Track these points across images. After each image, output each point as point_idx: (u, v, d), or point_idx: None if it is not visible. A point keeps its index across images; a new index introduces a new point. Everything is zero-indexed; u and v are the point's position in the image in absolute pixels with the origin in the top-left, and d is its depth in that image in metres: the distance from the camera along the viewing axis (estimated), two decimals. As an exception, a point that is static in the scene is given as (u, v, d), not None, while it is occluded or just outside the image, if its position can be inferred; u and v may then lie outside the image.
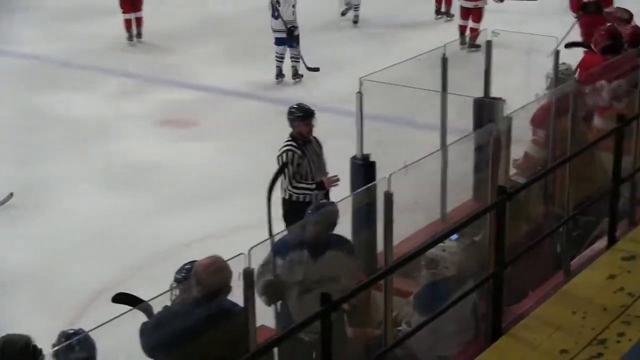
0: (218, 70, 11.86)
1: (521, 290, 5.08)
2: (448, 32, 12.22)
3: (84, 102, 10.95)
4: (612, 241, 5.20)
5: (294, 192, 6.47)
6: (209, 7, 14.52)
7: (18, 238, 7.72)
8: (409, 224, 5.55)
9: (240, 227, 7.15)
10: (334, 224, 5.01)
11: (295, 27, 11.32)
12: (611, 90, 6.43)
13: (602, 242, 5.32)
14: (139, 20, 13.36)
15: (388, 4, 14.50)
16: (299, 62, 11.45)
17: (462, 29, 12.57)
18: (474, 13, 12.48)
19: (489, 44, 6.55)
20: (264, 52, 11.32)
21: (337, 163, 6.54)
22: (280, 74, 11.45)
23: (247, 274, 3.63)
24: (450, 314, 4.41)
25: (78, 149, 9.56)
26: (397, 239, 4.38)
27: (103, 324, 3.44)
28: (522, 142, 6.20)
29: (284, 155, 6.44)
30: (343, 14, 14.02)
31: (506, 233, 4.41)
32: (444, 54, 6.40)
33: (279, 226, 5.78)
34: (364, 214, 5.45)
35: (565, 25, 11.36)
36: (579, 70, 7.34)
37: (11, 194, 8.24)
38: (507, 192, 4.39)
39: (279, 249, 4.94)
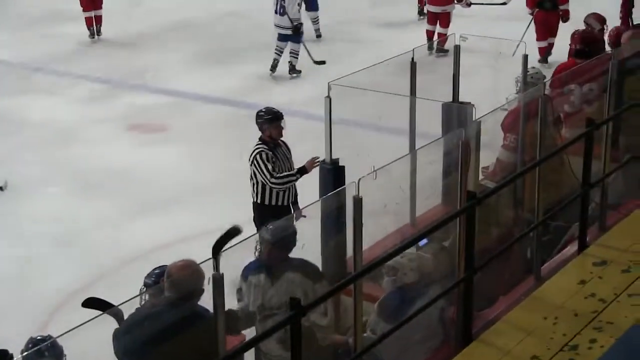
0: (188, 75, 11.75)
1: (491, 296, 5.01)
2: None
3: (53, 106, 10.80)
4: (582, 246, 5.16)
5: (275, 186, 6.39)
6: (180, 12, 14.40)
7: None
8: (378, 228, 5.46)
9: (209, 231, 7.01)
10: (291, 244, 4.79)
11: (301, 24, 11.60)
12: (581, 95, 6.41)
13: (572, 247, 5.28)
14: (98, 18, 13.40)
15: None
16: (297, 58, 11.61)
17: (430, 34, 12.55)
18: (441, 18, 12.47)
19: (457, 48, 6.50)
20: (233, 57, 11.24)
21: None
22: (275, 66, 11.57)
23: (216, 279, 3.54)
24: (416, 320, 4.34)
25: (46, 154, 9.40)
26: (366, 243, 4.31)
27: (72, 329, 3.35)
28: (491, 147, 6.17)
29: (258, 155, 6.36)
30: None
31: (476, 238, 4.36)
32: (412, 58, 6.35)
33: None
34: (333, 219, 5.37)
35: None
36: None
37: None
38: (476, 196, 4.34)
39: (244, 272, 4.81)
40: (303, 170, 6.43)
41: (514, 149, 6.01)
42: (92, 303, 4.52)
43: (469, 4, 13.15)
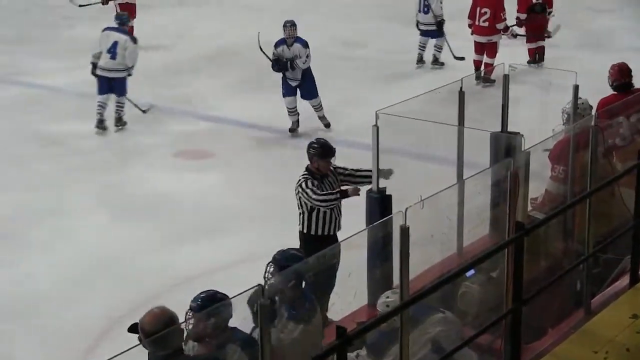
0: (232, 101, 11.85)
1: (540, 328, 4.95)
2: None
3: (100, 131, 10.94)
4: (634, 280, 5.08)
5: (318, 203, 6.32)
6: (223, 39, 14.59)
7: (29, 267, 7.64)
8: (424, 258, 5.44)
9: (251, 258, 7.04)
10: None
11: (444, 20, 12.76)
12: (631, 126, 6.34)
13: (624, 281, 5.19)
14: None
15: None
16: (440, 51, 12.96)
17: (477, 64, 12.52)
18: (487, 48, 12.44)
19: (506, 77, 6.48)
20: (277, 83, 11.25)
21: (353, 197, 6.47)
22: (421, 60, 13.11)
23: (264, 307, 3.53)
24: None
25: (94, 179, 9.51)
26: (412, 273, 4.29)
27: (119, 354, 3.36)
28: (539, 178, 6.12)
29: (303, 183, 6.34)
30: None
31: (524, 269, 4.31)
32: (461, 88, 6.34)
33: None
34: (380, 248, 5.37)
35: (581, 61, 11.33)
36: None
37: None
38: (525, 227, 4.29)
39: None
40: (343, 194, 6.37)
41: (562, 180, 5.96)
42: (138, 328, 4.52)
43: (515, 35, 13.15)
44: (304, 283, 4.77)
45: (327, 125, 10.68)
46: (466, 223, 6.07)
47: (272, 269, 4.87)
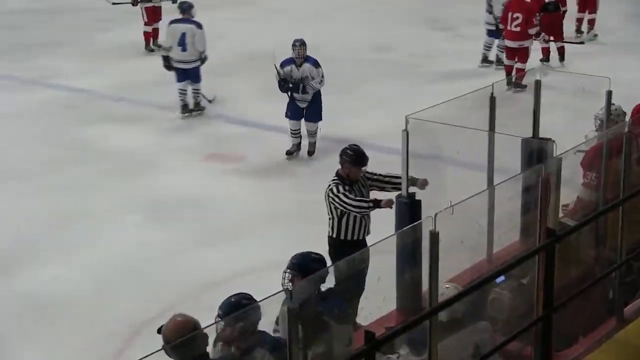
0: (264, 105, 11.84)
1: (570, 336, 4.89)
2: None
3: (132, 135, 11.02)
4: (667, 288, 5.01)
5: (350, 207, 6.27)
6: (255, 42, 14.60)
7: (59, 269, 7.69)
8: (454, 263, 5.40)
9: (279, 263, 7.04)
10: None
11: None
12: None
13: (657, 289, 5.13)
14: (156, 31, 14.40)
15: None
16: (503, 52, 12.78)
17: (508, 69, 12.44)
18: (519, 53, 12.35)
19: (537, 83, 6.42)
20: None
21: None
22: (485, 60, 13.30)
23: (292, 311, 3.52)
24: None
25: (124, 182, 9.57)
26: (442, 278, 4.25)
27: (148, 355, 3.37)
28: (571, 184, 6.05)
29: (334, 188, 6.29)
30: None
31: (555, 276, 4.26)
32: (492, 93, 6.29)
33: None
34: (409, 253, 5.34)
35: (612, 68, 11.21)
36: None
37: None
38: (556, 234, 4.24)
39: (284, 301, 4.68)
40: (376, 204, 6.31)
41: (594, 187, 5.89)
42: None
43: (547, 41, 13.06)
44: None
45: (311, 153, 10.11)
46: (496, 229, 6.02)
47: (289, 275, 4.85)
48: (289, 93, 9.87)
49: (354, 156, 6.39)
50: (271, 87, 10.25)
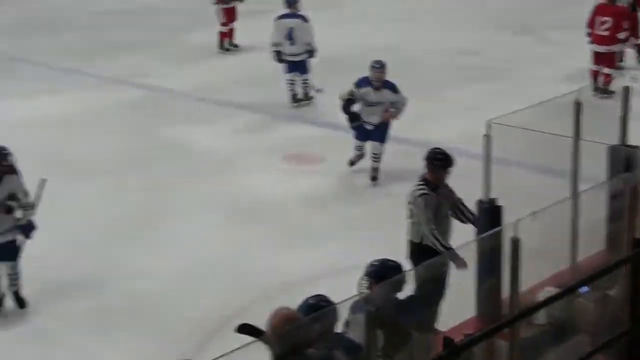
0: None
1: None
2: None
3: (213, 135, 11.14)
4: None
5: (424, 229, 6.12)
6: (334, 46, 14.57)
7: (143, 266, 7.83)
8: (535, 271, 5.29)
9: (357, 266, 7.04)
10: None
11: None
12: None
13: None
14: (231, 32, 14.73)
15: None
16: None
17: (594, 74, 12.14)
18: (606, 58, 12.04)
19: (626, 89, 6.25)
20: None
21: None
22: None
23: (371, 315, 3.50)
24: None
25: (205, 181, 9.68)
26: (523, 286, 4.18)
27: (226, 354, 3.39)
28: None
29: (421, 198, 6.13)
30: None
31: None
32: (577, 99, 6.15)
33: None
34: (489, 259, 5.26)
35: None
36: None
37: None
38: (645, 244, 4.12)
39: (354, 306, 4.57)
40: (453, 255, 5.80)
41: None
42: (246, 329, 4.54)
43: (637, 45, 12.71)
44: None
45: (375, 179, 9.43)
46: (581, 237, 5.88)
47: (366, 283, 4.82)
48: (352, 119, 9.39)
49: (446, 159, 6.28)
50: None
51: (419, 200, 6.13)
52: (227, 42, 14.99)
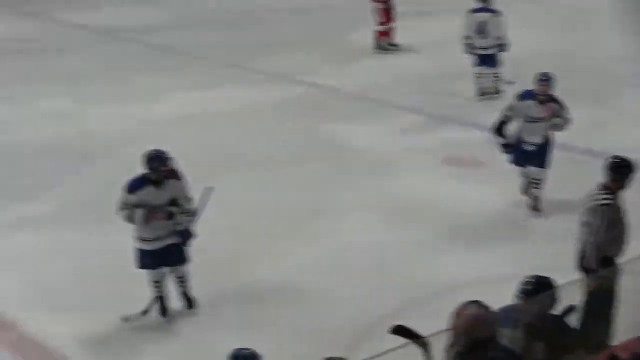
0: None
1: None
2: None
3: (372, 134, 11.14)
4: None
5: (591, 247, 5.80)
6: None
7: (304, 260, 7.85)
8: None
9: (518, 274, 6.78)
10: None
11: None
12: None
13: None
14: (390, 31, 14.86)
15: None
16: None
17: None
18: None
19: None
20: (567, 97, 10.61)
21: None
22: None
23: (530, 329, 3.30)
24: None
25: (364, 179, 9.66)
26: None
27: (380, 354, 3.31)
28: None
29: (605, 208, 5.77)
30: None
31: None
32: None
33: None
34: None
35: None
36: None
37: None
38: None
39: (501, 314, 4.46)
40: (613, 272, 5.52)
41: None
42: (400, 331, 4.43)
43: None
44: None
45: (536, 209, 8.57)
46: None
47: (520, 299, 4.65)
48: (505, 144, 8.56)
49: (626, 166, 5.93)
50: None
51: (600, 209, 5.80)
52: (384, 42, 14.96)
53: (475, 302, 4.07)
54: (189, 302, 7.08)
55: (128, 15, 19.47)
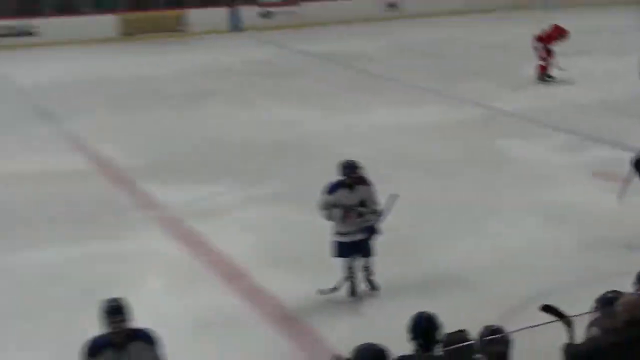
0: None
1: None
2: None
3: (534, 149, 10.87)
4: None
5: None
6: None
7: (461, 249, 7.62)
8: None
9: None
10: None
11: None
12: None
13: None
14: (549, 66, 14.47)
15: None
16: None
17: None
18: None
19: None
20: None
21: None
22: None
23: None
24: None
25: (521, 186, 9.38)
26: None
27: (525, 328, 3.22)
28: None
29: None
30: None
31: None
32: None
33: None
34: None
35: None
36: None
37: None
38: None
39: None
40: None
41: None
42: (548, 309, 4.29)
43: None
44: None
45: None
46: None
47: None
48: None
49: None
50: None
51: None
52: (544, 74, 14.72)
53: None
54: (372, 286, 6.84)
55: (347, 44, 19.93)
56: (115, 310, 4.31)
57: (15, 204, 9.45)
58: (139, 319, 4.41)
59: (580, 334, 4.15)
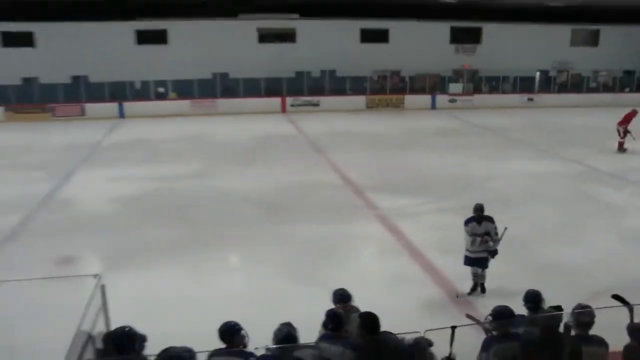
0: None
1: None
2: None
3: (619, 194, 10.27)
4: None
5: None
6: None
7: (578, 250, 7.47)
8: None
9: None
10: None
11: None
12: None
13: None
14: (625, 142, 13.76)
15: None
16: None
17: None
18: None
19: None
20: None
21: None
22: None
23: None
24: None
25: (606, 218, 8.88)
26: None
27: (603, 307, 3.19)
28: None
29: None
30: None
31: None
32: None
33: None
34: None
35: None
36: None
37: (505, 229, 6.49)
38: None
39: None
40: None
41: None
42: (619, 298, 4.08)
43: None
44: None
45: None
46: None
47: None
48: None
49: None
50: None
51: None
52: (622, 148, 14.18)
53: None
54: (483, 290, 6.59)
55: (499, 121, 19.01)
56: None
57: (298, 198, 10.05)
58: (354, 276, 4.94)
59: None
